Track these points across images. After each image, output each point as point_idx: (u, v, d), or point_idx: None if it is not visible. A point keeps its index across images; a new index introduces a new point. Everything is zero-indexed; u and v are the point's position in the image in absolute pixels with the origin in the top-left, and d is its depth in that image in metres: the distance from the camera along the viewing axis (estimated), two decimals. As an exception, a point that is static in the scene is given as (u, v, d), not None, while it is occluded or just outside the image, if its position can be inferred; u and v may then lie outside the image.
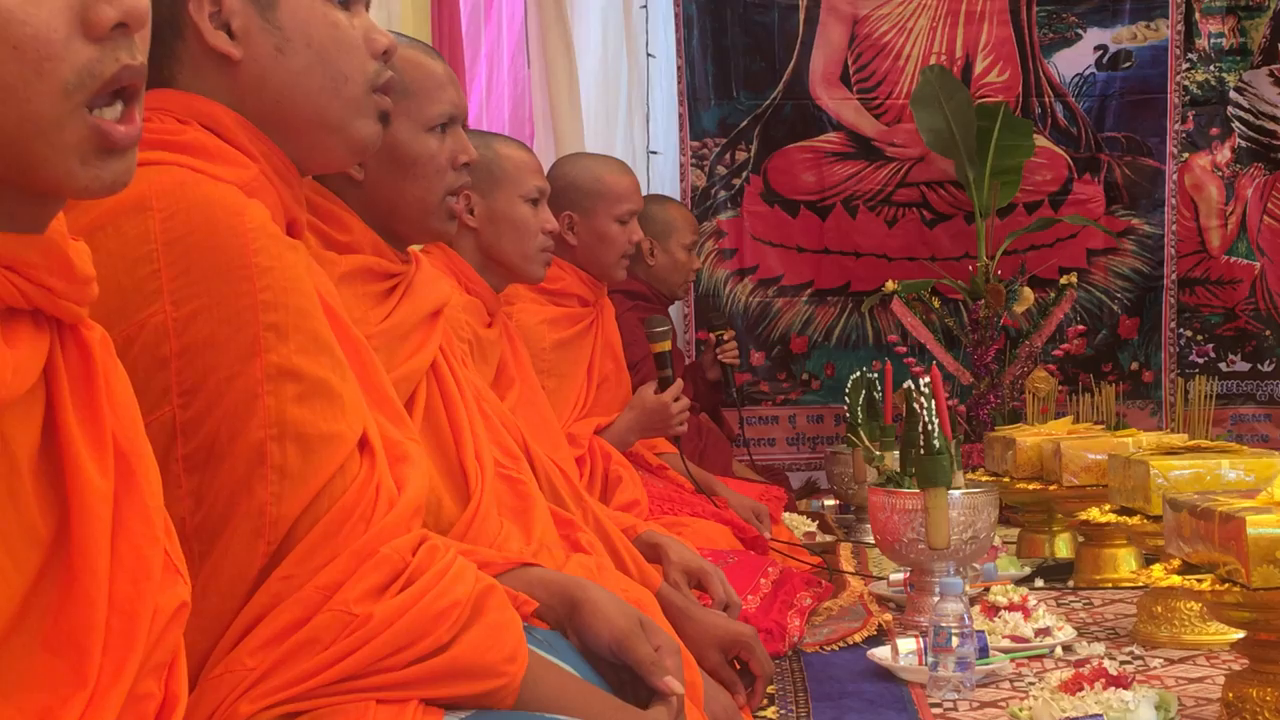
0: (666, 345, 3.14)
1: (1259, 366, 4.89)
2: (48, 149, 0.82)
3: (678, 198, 4.67)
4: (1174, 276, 4.86)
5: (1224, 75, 4.82)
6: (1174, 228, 4.85)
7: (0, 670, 0.82)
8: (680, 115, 4.80)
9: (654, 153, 4.75)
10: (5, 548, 0.83)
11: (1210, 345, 4.89)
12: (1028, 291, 4.43)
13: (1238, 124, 4.84)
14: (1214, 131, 4.85)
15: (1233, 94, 4.82)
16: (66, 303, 0.87)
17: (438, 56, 1.89)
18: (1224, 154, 4.85)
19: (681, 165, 4.81)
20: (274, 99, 1.30)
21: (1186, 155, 4.84)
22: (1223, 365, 4.89)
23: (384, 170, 1.76)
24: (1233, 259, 4.86)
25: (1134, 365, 4.88)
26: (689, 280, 4.10)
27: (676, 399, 3.09)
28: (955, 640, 2.13)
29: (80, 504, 0.86)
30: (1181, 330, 4.89)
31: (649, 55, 4.74)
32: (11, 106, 0.80)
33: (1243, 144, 4.84)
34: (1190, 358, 4.89)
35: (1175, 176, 4.84)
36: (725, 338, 4.23)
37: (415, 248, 1.90)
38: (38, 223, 0.86)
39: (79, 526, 0.86)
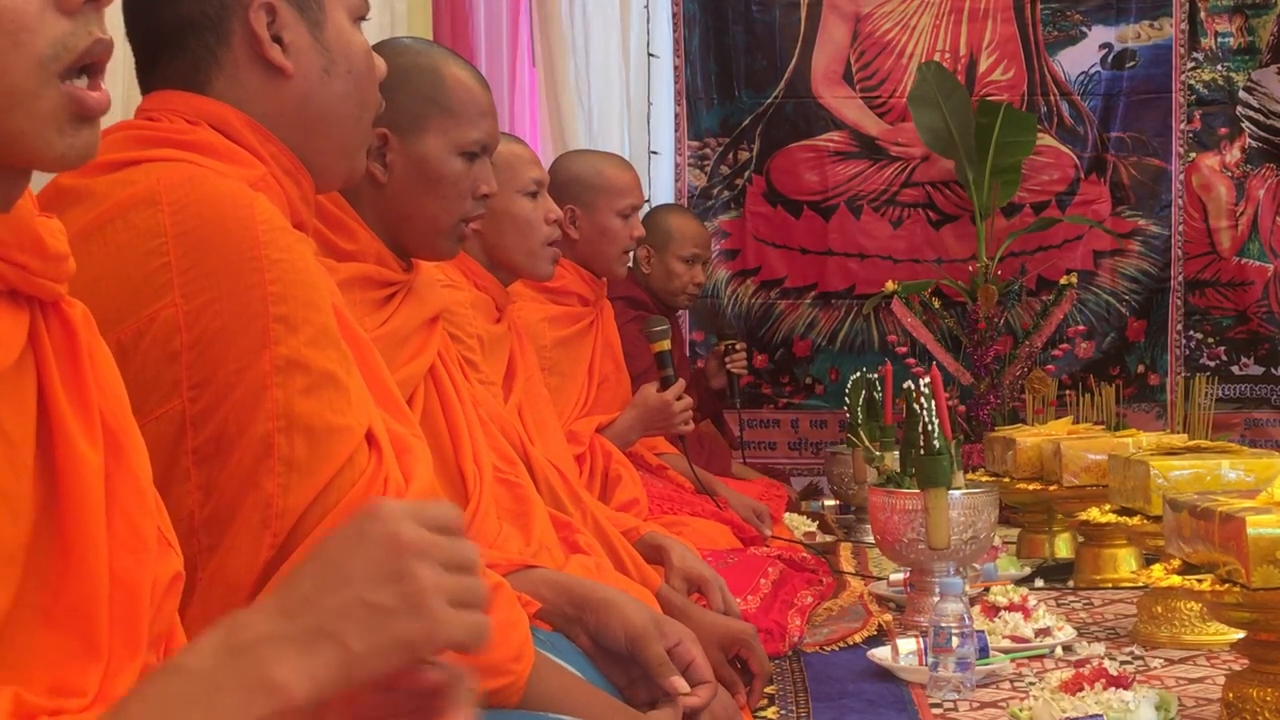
0: (666, 345, 3.14)
1: (1273, 370, 4.81)
2: (25, 119, 0.83)
3: (674, 198, 4.65)
4: (1181, 278, 4.82)
5: (1232, 74, 4.77)
6: (1181, 228, 4.81)
7: (5, 647, 0.82)
8: (677, 115, 4.77)
9: (655, 153, 4.72)
10: (8, 510, 0.83)
11: (1221, 348, 4.83)
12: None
13: (1247, 124, 4.79)
14: (1222, 131, 4.79)
15: (1241, 93, 4.77)
16: (42, 280, 0.87)
17: (485, 86, 1.88)
18: (1233, 154, 4.80)
19: (678, 165, 4.78)
20: (314, 119, 1.32)
21: (1193, 155, 4.80)
22: (1235, 369, 4.81)
23: (409, 180, 1.76)
24: (1244, 260, 4.79)
25: (1140, 368, 4.82)
26: (688, 293, 3.97)
27: (679, 397, 3.09)
28: (955, 640, 2.12)
29: (73, 478, 0.86)
30: (1192, 333, 4.83)
31: (651, 55, 4.72)
32: None
33: (1253, 144, 4.79)
34: (1201, 360, 4.81)
35: (1181, 177, 4.80)
36: (736, 348, 4.23)
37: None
38: (2, 203, 0.86)
39: (74, 501, 0.86)
